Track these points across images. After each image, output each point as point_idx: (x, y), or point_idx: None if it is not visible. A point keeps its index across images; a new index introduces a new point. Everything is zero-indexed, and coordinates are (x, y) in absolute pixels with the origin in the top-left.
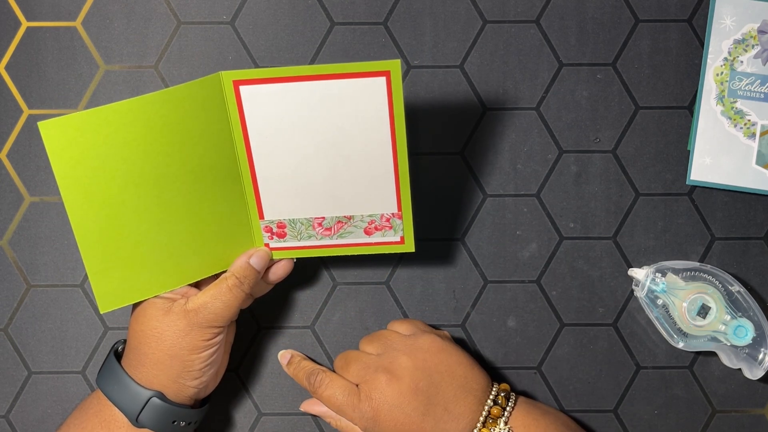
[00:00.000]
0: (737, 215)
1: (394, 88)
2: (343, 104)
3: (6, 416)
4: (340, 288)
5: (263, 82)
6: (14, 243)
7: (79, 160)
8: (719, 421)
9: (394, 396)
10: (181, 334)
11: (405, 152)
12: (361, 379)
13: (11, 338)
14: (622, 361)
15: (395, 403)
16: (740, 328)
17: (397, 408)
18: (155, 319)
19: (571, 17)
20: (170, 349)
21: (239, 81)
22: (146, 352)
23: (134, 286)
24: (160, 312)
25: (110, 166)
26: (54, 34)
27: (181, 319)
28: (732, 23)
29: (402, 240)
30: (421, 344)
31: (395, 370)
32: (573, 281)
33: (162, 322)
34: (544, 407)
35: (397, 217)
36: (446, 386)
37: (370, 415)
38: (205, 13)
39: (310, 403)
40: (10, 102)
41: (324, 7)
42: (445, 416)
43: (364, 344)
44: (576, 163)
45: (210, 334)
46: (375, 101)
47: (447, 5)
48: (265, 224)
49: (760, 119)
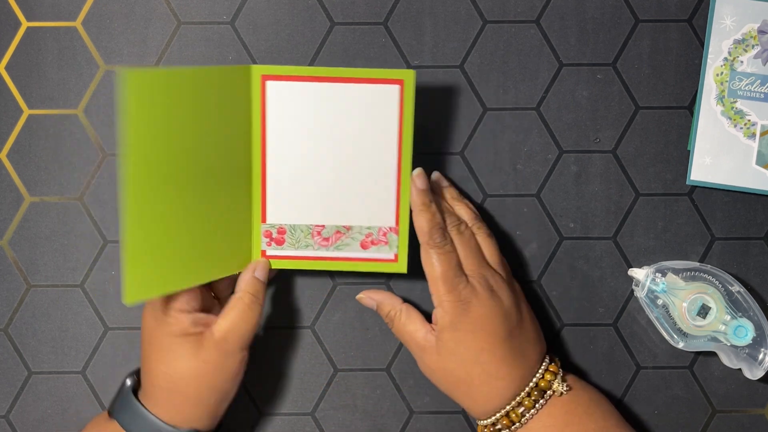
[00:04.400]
0: (737, 215)
1: (406, 98)
2: (358, 109)
3: (6, 416)
4: (340, 288)
5: (289, 79)
6: (14, 243)
7: (148, 117)
8: (719, 421)
9: (491, 308)
10: (219, 365)
11: (409, 167)
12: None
13: (11, 338)
14: (622, 361)
15: (487, 315)
16: (740, 328)
17: (486, 319)
18: (188, 358)
19: (571, 17)
20: (210, 382)
21: (267, 76)
22: (185, 392)
23: (161, 279)
24: (190, 350)
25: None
26: (54, 34)
27: (213, 350)
28: (732, 23)
29: (396, 258)
30: (517, 288)
31: (498, 291)
32: (573, 281)
33: (197, 360)
34: (588, 383)
35: (394, 232)
36: (527, 330)
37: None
38: (205, 13)
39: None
40: (10, 102)
41: (324, 7)
42: (519, 351)
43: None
44: (576, 163)
45: (242, 356)
46: (387, 109)
47: (447, 5)
48: (266, 228)
49: (760, 119)
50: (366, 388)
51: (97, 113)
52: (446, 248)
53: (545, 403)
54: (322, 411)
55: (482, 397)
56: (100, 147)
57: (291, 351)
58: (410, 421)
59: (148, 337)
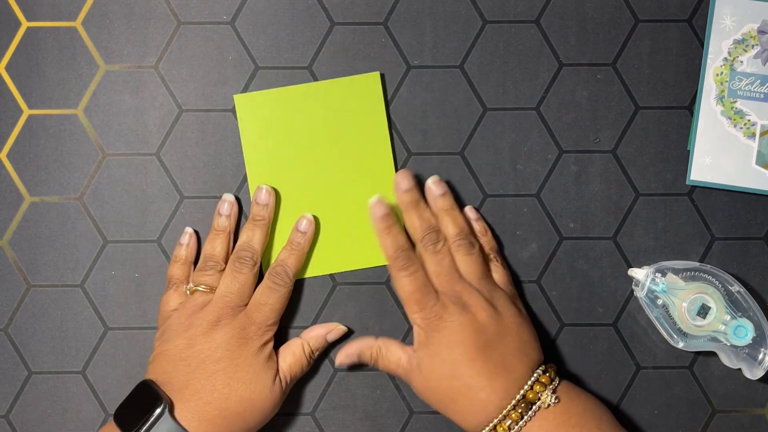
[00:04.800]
0: (737, 215)
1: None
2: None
3: (6, 416)
4: (340, 288)
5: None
6: (14, 243)
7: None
8: (719, 421)
9: (462, 323)
10: (278, 400)
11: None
12: (434, 303)
13: (11, 338)
14: (622, 361)
15: (458, 329)
16: (740, 328)
17: (458, 333)
18: (269, 386)
19: (571, 17)
20: (267, 415)
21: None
22: (246, 420)
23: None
24: (271, 378)
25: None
26: (54, 34)
27: (282, 385)
28: (732, 23)
29: None
30: (500, 303)
31: (472, 306)
32: (573, 281)
33: (272, 390)
34: (585, 391)
35: None
36: (510, 341)
37: (432, 326)
38: (205, 13)
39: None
40: (10, 102)
41: (324, 7)
42: (499, 362)
43: None
44: (576, 163)
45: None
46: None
47: (447, 5)
48: None
49: (760, 119)
50: (366, 388)
51: (97, 113)
52: (412, 269)
53: (534, 415)
54: (322, 411)
55: (467, 411)
56: (100, 147)
57: None
58: (410, 421)
59: (230, 354)
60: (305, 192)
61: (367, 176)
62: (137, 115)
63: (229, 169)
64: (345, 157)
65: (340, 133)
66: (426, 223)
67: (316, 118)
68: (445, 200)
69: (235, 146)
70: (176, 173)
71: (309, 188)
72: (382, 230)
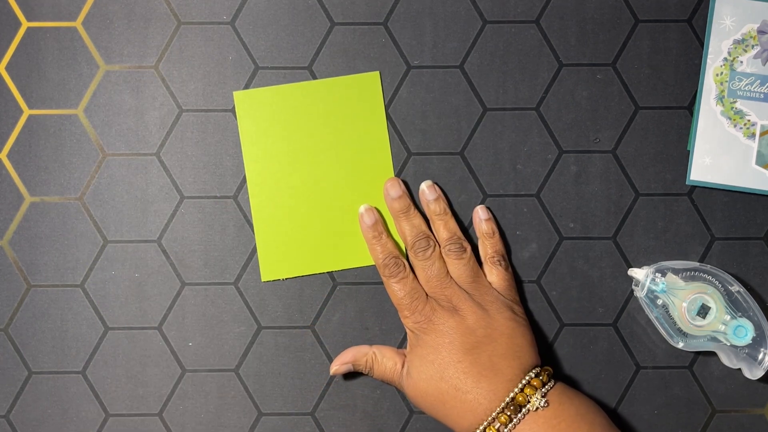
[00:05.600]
0: (737, 215)
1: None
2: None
3: (6, 416)
4: (340, 288)
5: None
6: (14, 243)
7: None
8: (719, 421)
9: (451, 325)
10: None
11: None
12: (424, 307)
13: (11, 338)
14: (622, 361)
15: (446, 331)
16: (740, 328)
17: (446, 335)
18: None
19: (571, 17)
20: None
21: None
22: None
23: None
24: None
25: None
26: (54, 34)
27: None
28: (732, 23)
29: None
30: (492, 306)
31: (462, 310)
32: (573, 281)
33: None
34: (581, 394)
35: None
36: (500, 344)
37: (422, 329)
38: (205, 13)
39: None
40: (10, 102)
41: (324, 7)
42: (487, 364)
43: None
44: (576, 163)
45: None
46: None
47: (447, 5)
48: None
49: (760, 119)
50: (366, 388)
51: (97, 113)
52: (401, 275)
53: (522, 418)
54: (322, 411)
55: (456, 414)
56: (100, 147)
57: (291, 351)
58: (410, 421)
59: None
60: (303, 189)
61: (365, 175)
62: (137, 115)
63: (229, 169)
64: (343, 155)
65: (339, 130)
66: (416, 230)
67: (316, 116)
68: (438, 205)
69: (235, 146)
70: (176, 173)
71: (307, 185)
72: (372, 239)
